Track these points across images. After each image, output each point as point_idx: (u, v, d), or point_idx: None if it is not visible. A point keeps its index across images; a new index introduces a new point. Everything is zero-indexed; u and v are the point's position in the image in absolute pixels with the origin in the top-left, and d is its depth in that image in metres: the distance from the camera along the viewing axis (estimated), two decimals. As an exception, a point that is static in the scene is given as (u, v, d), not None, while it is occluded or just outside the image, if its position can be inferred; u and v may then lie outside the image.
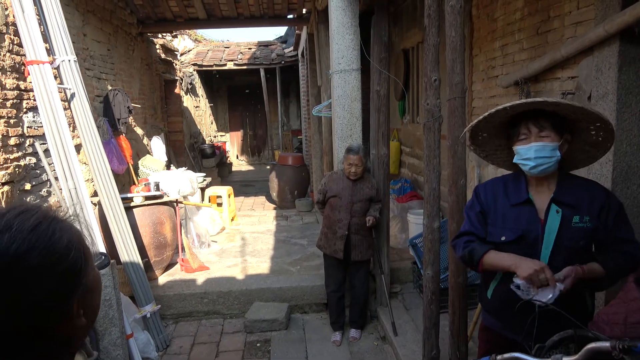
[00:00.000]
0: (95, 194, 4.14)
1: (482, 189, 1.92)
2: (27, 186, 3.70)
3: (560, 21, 2.89)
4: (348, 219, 3.68)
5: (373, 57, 4.03)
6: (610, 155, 2.44)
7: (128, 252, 3.77)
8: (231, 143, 15.07)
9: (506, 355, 1.49)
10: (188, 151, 9.98)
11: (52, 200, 4.10)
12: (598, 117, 1.63)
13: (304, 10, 7.08)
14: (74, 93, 3.62)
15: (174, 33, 10.74)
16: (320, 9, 5.86)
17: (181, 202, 5.17)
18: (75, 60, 3.65)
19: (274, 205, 8.37)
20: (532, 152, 1.68)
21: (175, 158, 9.10)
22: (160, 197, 4.75)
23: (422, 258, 2.95)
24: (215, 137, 14.12)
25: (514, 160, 1.78)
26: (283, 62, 11.46)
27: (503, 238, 1.77)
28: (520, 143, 1.72)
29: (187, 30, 12.06)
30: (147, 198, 4.58)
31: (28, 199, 3.72)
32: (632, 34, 2.32)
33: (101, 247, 3.49)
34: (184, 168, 6.43)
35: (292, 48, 11.33)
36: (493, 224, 1.82)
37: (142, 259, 3.96)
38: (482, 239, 1.85)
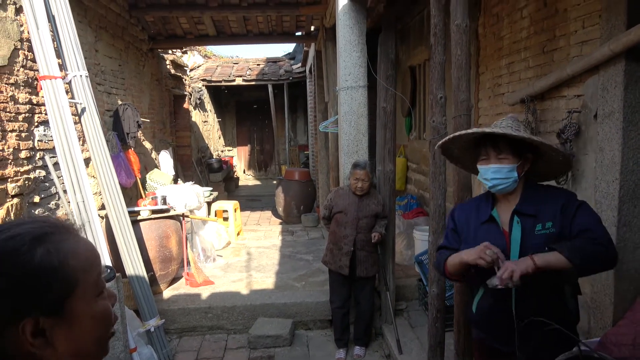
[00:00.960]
0: (102, 207, 4.18)
1: (457, 211, 2.06)
2: (36, 199, 3.74)
3: (566, 40, 2.91)
4: (354, 235, 3.67)
5: (380, 74, 4.07)
6: (617, 173, 2.43)
7: (134, 266, 3.78)
8: (238, 158, 15.15)
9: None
10: (195, 165, 10.05)
11: (60, 212, 4.13)
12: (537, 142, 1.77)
13: (312, 28, 7.18)
14: (85, 108, 3.68)
15: (184, 49, 10.91)
16: (328, 26, 5.94)
17: (187, 216, 5.19)
18: (86, 76, 3.72)
19: (280, 220, 8.37)
20: (490, 173, 1.81)
21: (183, 172, 9.16)
22: (167, 210, 4.77)
23: (428, 275, 2.93)
24: (222, 151, 14.22)
25: (477, 178, 1.91)
26: (291, 78, 11.58)
27: None
28: (482, 163, 1.86)
29: (197, 47, 12.24)
30: (153, 212, 4.61)
31: (37, 212, 3.75)
32: (637, 53, 2.33)
33: (107, 260, 3.51)
34: (191, 182, 6.46)
35: (300, 64, 11.46)
36: (466, 242, 1.92)
37: (147, 273, 3.96)
38: (455, 249, 1.96)
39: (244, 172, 15.37)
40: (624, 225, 2.44)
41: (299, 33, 7.61)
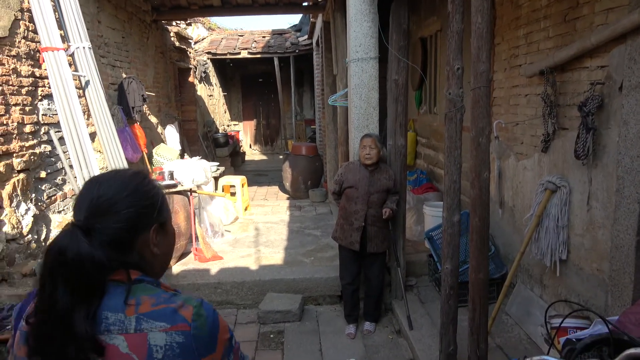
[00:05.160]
0: (109, 183, 4.13)
1: None
2: (43, 174, 3.70)
3: (590, 7, 2.77)
4: (365, 210, 3.61)
5: (392, 45, 3.93)
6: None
7: (142, 241, 3.76)
8: (244, 132, 15.04)
9: (535, 358, 1.42)
10: (201, 140, 9.97)
11: (67, 188, 4.10)
12: None
13: (320, -2, 6.97)
14: (89, 80, 3.59)
15: (188, 21, 10.68)
16: (336, -4, 5.74)
17: (195, 192, 5.15)
18: (89, 48, 3.61)
19: (287, 195, 8.33)
20: None
21: (189, 147, 9.09)
22: (175, 186, 4.73)
23: (440, 251, 2.88)
24: (228, 126, 14.11)
25: None
26: (297, 51, 11.35)
27: None
28: None
29: (201, 19, 11.99)
30: (161, 187, 4.57)
31: (43, 187, 3.72)
32: (669, 21, 2.20)
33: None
34: (197, 157, 6.40)
35: (306, 37, 11.21)
36: None
37: (156, 248, 3.94)
38: None
39: (250, 146, 15.28)
40: (648, 201, 2.36)
41: (305, 3, 7.40)
